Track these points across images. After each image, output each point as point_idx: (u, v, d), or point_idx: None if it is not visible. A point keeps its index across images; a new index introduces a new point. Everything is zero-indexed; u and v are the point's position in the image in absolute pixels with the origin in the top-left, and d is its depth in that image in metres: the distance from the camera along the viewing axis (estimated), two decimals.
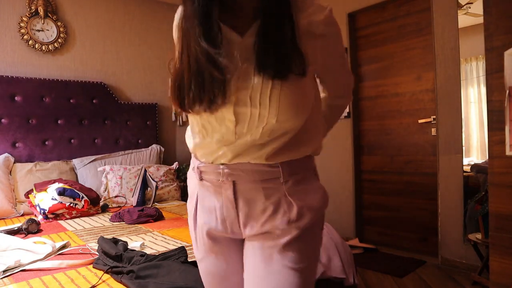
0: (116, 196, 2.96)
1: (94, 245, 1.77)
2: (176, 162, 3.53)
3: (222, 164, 0.82)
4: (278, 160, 0.81)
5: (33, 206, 2.57)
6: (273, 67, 0.70)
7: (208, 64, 0.71)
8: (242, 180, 0.82)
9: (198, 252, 0.94)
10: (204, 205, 0.89)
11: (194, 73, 0.72)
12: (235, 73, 0.73)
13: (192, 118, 0.83)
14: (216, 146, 0.81)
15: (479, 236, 2.35)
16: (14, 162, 2.89)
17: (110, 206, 2.89)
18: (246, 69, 0.73)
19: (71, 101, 3.23)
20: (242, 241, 0.90)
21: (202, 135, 0.82)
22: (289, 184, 0.82)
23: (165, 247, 1.75)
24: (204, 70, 0.71)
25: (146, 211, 2.39)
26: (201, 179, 0.87)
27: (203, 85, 0.72)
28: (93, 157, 3.20)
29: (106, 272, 1.39)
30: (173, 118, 3.90)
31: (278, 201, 0.82)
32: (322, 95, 0.95)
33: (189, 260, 1.45)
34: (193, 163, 0.91)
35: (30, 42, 3.04)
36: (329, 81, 0.92)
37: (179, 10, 0.79)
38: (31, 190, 2.65)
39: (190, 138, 0.90)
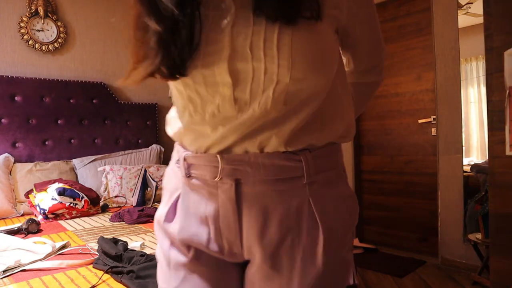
0: (116, 196, 2.96)
1: (94, 245, 1.77)
2: None
3: (220, 153, 0.59)
4: (303, 142, 0.59)
5: (33, 206, 2.56)
6: (275, 6, 0.52)
7: (145, 10, 0.53)
8: (250, 179, 0.59)
9: (170, 280, 0.66)
10: (190, 212, 0.64)
11: (135, 28, 0.55)
12: (222, 16, 0.54)
13: (175, 91, 0.62)
14: (210, 127, 0.59)
15: (479, 236, 2.35)
16: (14, 162, 2.89)
17: (110, 206, 2.89)
18: (242, 11, 0.54)
19: (71, 101, 3.22)
20: (241, 267, 0.67)
21: (189, 113, 0.60)
22: (315, 187, 0.60)
23: None
24: (142, 21, 0.54)
25: (146, 211, 2.39)
26: (188, 175, 0.64)
27: (143, 45, 0.55)
28: (93, 157, 3.20)
29: (106, 272, 1.39)
30: None
31: (299, 214, 0.59)
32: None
33: None
34: (177, 154, 0.68)
35: (30, 42, 3.04)
36: (356, 45, 0.69)
37: None
38: (31, 190, 2.65)
39: (174, 121, 0.68)
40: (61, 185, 2.56)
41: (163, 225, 0.68)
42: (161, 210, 0.69)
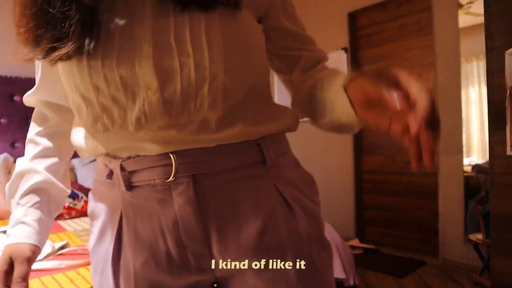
0: None
1: None
2: None
3: (172, 152, 0.50)
4: (256, 135, 0.53)
5: None
6: None
7: None
8: (209, 173, 0.51)
9: None
10: (139, 233, 0.53)
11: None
12: (140, 4, 0.47)
13: (78, 100, 0.50)
14: (136, 139, 0.49)
15: (480, 236, 2.35)
16: (14, 162, 2.89)
17: None
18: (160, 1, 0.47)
19: None
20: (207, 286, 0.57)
21: (104, 126, 0.50)
22: (278, 172, 0.56)
23: None
24: None
25: None
26: (130, 186, 0.52)
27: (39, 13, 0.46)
28: (92, 157, 3.19)
29: None
30: None
31: (270, 201, 0.54)
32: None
33: None
34: (106, 167, 0.56)
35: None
36: (286, 35, 0.62)
37: None
38: None
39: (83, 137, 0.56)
40: None
41: (115, 260, 0.54)
42: (100, 246, 0.56)
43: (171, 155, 0.49)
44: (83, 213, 2.54)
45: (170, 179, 0.49)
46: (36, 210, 0.61)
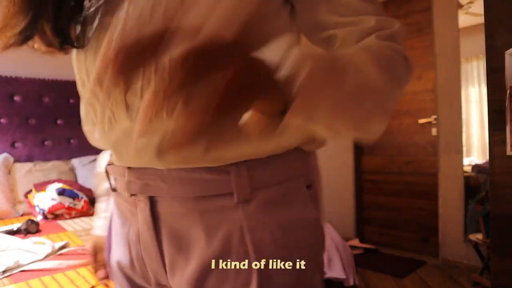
0: None
1: None
2: None
3: (129, 167, 0.47)
4: (234, 157, 0.43)
5: (32, 206, 2.56)
6: None
7: None
8: (165, 197, 0.46)
9: None
10: (118, 234, 0.55)
11: None
12: None
13: (78, 87, 0.50)
14: (107, 142, 0.48)
15: (480, 236, 2.35)
16: (13, 162, 2.89)
17: None
18: None
19: (71, 101, 3.22)
20: None
21: (92, 121, 0.49)
22: (253, 209, 0.43)
23: None
24: None
25: None
26: (113, 189, 0.54)
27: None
28: (92, 157, 3.19)
29: None
30: None
31: (226, 246, 0.43)
32: None
33: None
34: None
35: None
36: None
37: None
38: (31, 190, 2.64)
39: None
40: (60, 185, 2.56)
41: (108, 249, 0.61)
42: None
43: (125, 172, 0.48)
44: (83, 213, 2.54)
45: (127, 195, 0.49)
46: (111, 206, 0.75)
